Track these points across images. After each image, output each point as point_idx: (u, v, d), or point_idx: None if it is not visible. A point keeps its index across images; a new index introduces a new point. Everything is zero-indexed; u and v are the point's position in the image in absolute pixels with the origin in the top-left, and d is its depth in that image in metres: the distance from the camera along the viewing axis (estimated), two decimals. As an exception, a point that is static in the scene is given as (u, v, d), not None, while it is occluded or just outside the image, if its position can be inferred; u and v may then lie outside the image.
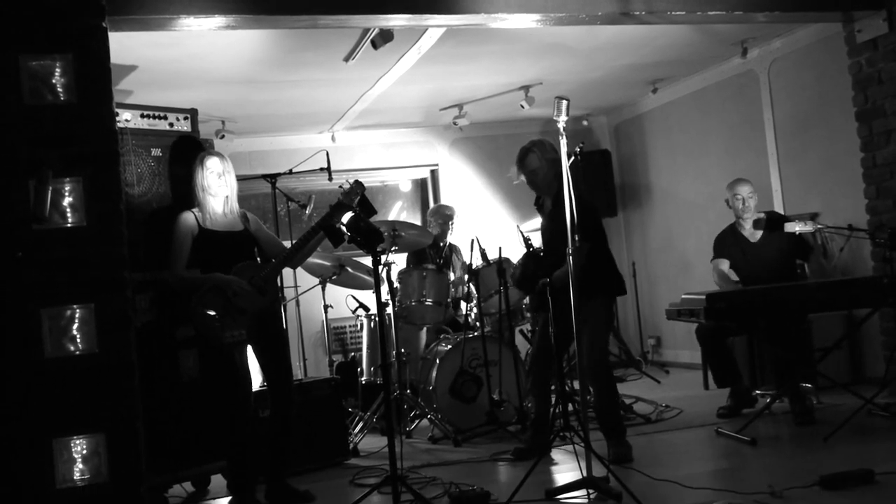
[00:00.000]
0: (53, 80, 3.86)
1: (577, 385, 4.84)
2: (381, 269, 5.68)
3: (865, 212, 5.82)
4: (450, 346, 5.96)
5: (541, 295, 4.74)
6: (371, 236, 3.92)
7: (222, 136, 7.87)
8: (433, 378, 5.88)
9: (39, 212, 3.67)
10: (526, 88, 7.68)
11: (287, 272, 6.02)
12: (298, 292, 6.69)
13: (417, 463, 5.00)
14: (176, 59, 5.82)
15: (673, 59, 7.26)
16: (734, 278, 5.82)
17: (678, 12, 5.20)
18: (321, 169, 6.28)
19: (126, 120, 4.66)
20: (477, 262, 6.19)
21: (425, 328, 6.66)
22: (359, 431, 5.81)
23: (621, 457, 4.64)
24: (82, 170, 3.85)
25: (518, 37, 6.10)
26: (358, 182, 4.24)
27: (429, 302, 6.19)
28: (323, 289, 6.40)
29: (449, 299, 6.27)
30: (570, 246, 4.11)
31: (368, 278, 6.32)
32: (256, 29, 5.24)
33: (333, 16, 4.77)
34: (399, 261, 6.89)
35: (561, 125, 4.06)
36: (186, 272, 4.35)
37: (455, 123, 8.38)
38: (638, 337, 9.06)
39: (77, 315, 3.79)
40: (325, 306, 6.48)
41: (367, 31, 5.50)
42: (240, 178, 4.60)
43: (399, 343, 6.08)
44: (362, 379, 6.63)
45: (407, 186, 9.62)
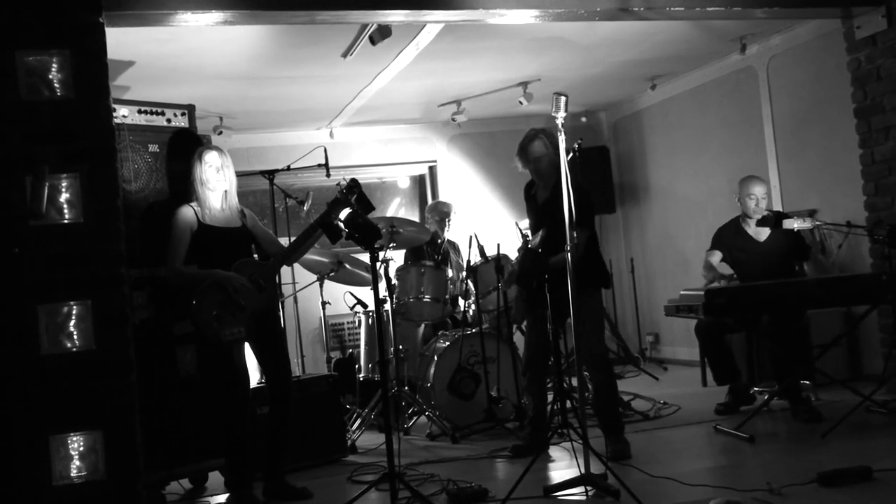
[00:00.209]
0: (50, 76, 3.86)
1: (574, 382, 4.83)
2: (379, 265, 5.73)
3: (864, 208, 5.81)
4: (448, 343, 5.95)
5: (538, 291, 4.73)
6: (369, 232, 3.91)
7: (220, 133, 7.85)
8: (431, 375, 5.88)
9: (36, 208, 3.67)
10: (524, 85, 7.66)
11: (285, 269, 6.01)
12: (296, 289, 6.68)
13: (415, 460, 5.00)
14: (173, 54, 5.80)
15: (671, 55, 7.25)
16: (724, 271, 5.76)
17: (677, 8, 5.20)
18: (319, 165, 6.29)
19: (123, 116, 4.64)
20: (475, 258, 6.18)
21: (423, 325, 6.65)
22: (357, 428, 5.81)
23: (619, 453, 4.64)
24: (79, 166, 3.84)
25: (516, 33, 6.08)
26: (353, 180, 4.22)
27: (427, 298, 6.18)
28: (321, 285, 6.39)
29: (447, 296, 6.26)
30: (570, 242, 4.10)
31: (366, 275, 6.30)
32: (254, 24, 5.23)
33: (331, 11, 4.76)
34: (397, 257, 6.89)
35: (559, 121, 4.05)
36: (185, 268, 4.33)
37: (453, 119, 8.37)
38: (636, 334, 9.05)
39: (74, 311, 3.79)
40: (323, 303, 6.47)
41: (364, 26, 5.49)
42: (237, 175, 4.58)
43: (397, 340, 6.07)
44: (360, 376, 6.62)
45: (405, 183, 9.61)
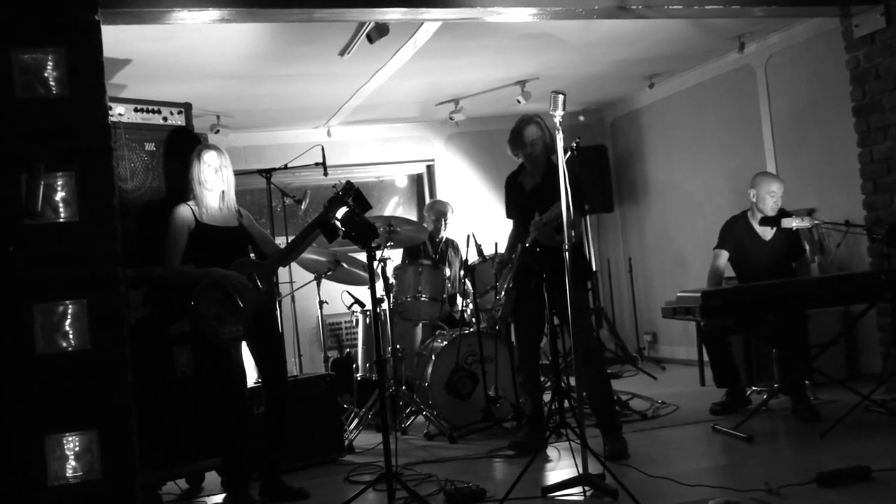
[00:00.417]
0: (46, 74, 3.84)
1: (573, 381, 4.81)
2: (376, 264, 5.71)
3: (862, 207, 5.80)
4: (445, 343, 5.93)
5: (536, 291, 4.71)
6: (365, 231, 3.89)
7: (217, 131, 7.83)
8: (429, 374, 5.86)
9: (31, 206, 3.65)
10: (522, 83, 7.65)
11: (282, 268, 5.99)
12: (294, 288, 6.66)
13: (413, 460, 4.98)
14: (170, 53, 5.78)
15: (670, 53, 7.23)
16: (725, 274, 5.74)
17: (675, 6, 5.18)
18: (316, 164, 6.27)
19: (119, 114, 4.63)
20: (473, 257, 6.16)
21: (421, 324, 6.63)
22: (354, 428, 5.79)
23: (617, 453, 4.62)
24: (75, 164, 3.83)
25: (514, 31, 6.06)
26: (349, 182, 4.20)
27: (424, 298, 6.16)
28: (318, 285, 6.37)
29: (445, 295, 6.24)
30: (567, 241, 4.09)
31: (364, 274, 6.28)
32: (251, 22, 5.20)
33: (328, 9, 4.74)
34: (395, 256, 6.87)
35: (557, 120, 4.04)
36: (182, 267, 4.31)
37: (451, 118, 8.35)
38: (634, 333, 9.03)
39: (70, 311, 3.77)
40: (321, 302, 6.45)
41: (362, 24, 5.46)
42: (234, 173, 4.56)
43: (394, 339, 6.06)
44: (358, 375, 6.60)
45: (403, 182, 9.59)
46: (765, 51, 7.18)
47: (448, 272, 6.33)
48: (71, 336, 3.76)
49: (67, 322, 3.76)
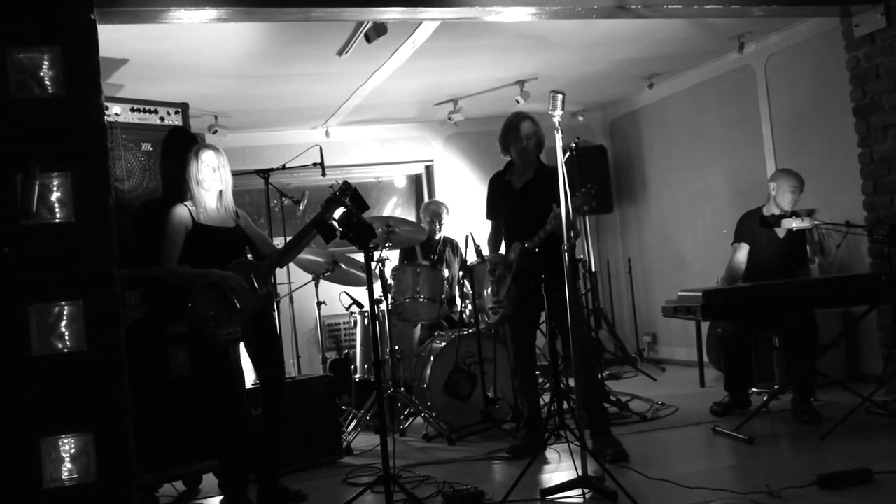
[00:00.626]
0: (41, 73, 3.82)
1: (571, 382, 4.79)
2: (374, 265, 5.68)
3: (863, 208, 5.77)
4: (444, 344, 5.90)
5: (535, 291, 4.68)
6: (363, 232, 3.86)
7: (215, 131, 7.80)
8: (427, 376, 5.83)
9: (26, 206, 3.62)
10: (521, 83, 7.62)
11: (281, 268, 5.97)
12: (292, 289, 6.63)
13: (411, 462, 4.95)
14: (168, 52, 5.75)
15: (669, 53, 7.21)
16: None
17: (675, 6, 5.16)
18: (314, 164, 6.24)
19: (116, 114, 4.59)
20: (471, 258, 6.13)
21: (420, 325, 6.60)
22: (352, 429, 5.76)
23: (619, 456, 4.57)
24: (71, 164, 3.81)
25: (513, 31, 6.04)
26: (345, 182, 4.17)
27: (423, 299, 6.13)
28: (316, 285, 6.34)
29: (443, 296, 6.21)
30: (566, 242, 4.07)
31: (362, 275, 6.26)
32: (248, 22, 5.17)
33: (326, 8, 4.72)
34: (393, 257, 6.84)
35: (556, 119, 4.02)
36: (179, 268, 4.28)
37: (450, 119, 8.32)
38: (633, 334, 9.00)
39: (65, 312, 3.75)
40: (319, 303, 6.43)
41: (360, 24, 5.43)
42: (232, 174, 4.54)
43: (393, 340, 6.04)
44: (356, 376, 6.57)
45: (402, 182, 9.57)
46: (764, 51, 7.15)
47: (447, 273, 6.30)
48: (67, 337, 3.74)
49: (63, 323, 3.74)
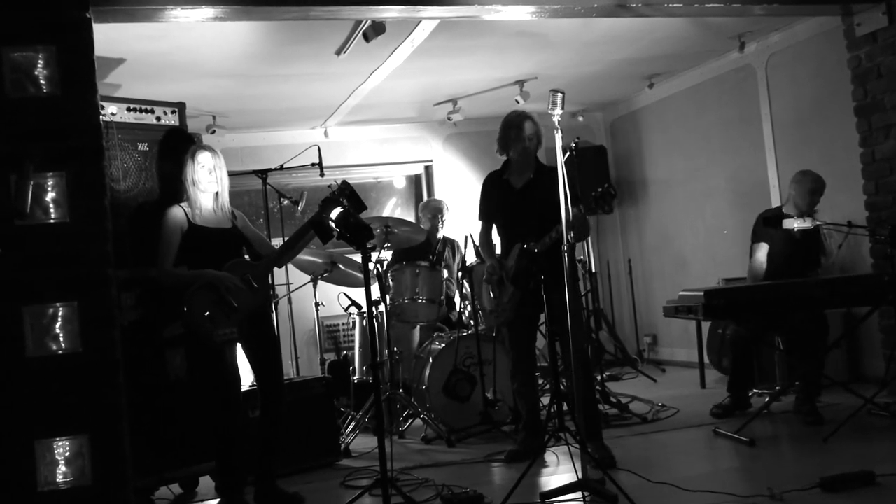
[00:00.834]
0: (36, 73, 3.80)
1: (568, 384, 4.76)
2: (372, 265, 5.65)
3: (864, 208, 5.75)
4: (443, 345, 5.86)
5: (535, 293, 4.64)
6: (360, 232, 3.81)
7: (213, 132, 7.77)
8: (426, 377, 5.79)
9: (20, 207, 3.59)
10: (521, 83, 7.58)
11: (279, 269, 5.93)
12: (290, 290, 6.60)
13: (410, 464, 4.91)
14: (165, 52, 5.71)
15: (669, 53, 7.17)
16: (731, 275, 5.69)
17: (675, 4, 5.12)
18: (313, 164, 6.20)
19: (112, 113, 4.55)
20: (470, 259, 6.09)
21: (419, 326, 6.56)
22: (351, 431, 5.72)
23: (607, 461, 4.48)
24: (66, 164, 3.79)
25: (512, 30, 6.00)
26: (344, 182, 4.14)
27: (422, 300, 6.09)
28: (314, 286, 6.30)
29: (442, 297, 6.17)
30: (566, 243, 4.04)
31: (360, 276, 6.21)
32: (246, 20, 5.13)
33: (324, 7, 4.69)
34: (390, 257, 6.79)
35: (556, 118, 3.99)
36: (175, 269, 4.25)
37: (449, 119, 8.29)
38: (634, 335, 8.97)
39: (60, 313, 3.73)
40: (317, 304, 6.39)
41: (358, 23, 5.40)
42: (230, 174, 4.50)
43: (392, 341, 5.99)
44: (355, 378, 6.53)
45: (401, 183, 9.53)
46: (765, 50, 7.12)
47: (446, 274, 6.25)
48: (61, 339, 3.72)
49: (58, 324, 3.72)
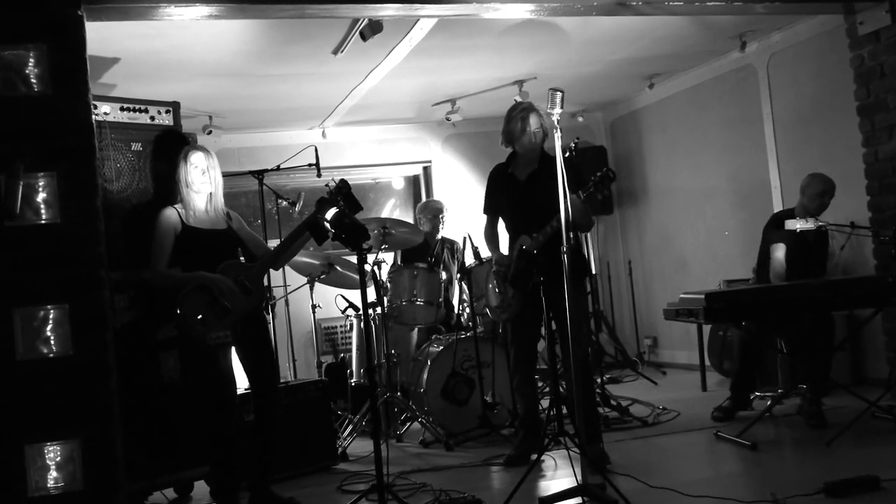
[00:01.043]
0: (27, 71, 3.77)
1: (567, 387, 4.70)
2: (370, 267, 5.59)
3: (867, 209, 5.69)
4: (441, 347, 5.80)
5: (534, 294, 4.59)
6: (356, 232, 3.75)
7: (209, 132, 7.70)
8: (424, 380, 5.72)
9: (10, 207, 3.56)
10: (520, 83, 7.52)
11: (276, 271, 5.87)
12: (287, 291, 6.53)
13: (407, 468, 4.85)
14: (160, 51, 5.64)
15: (670, 53, 7.11)
16: (732, 277, 5.64)
17: (676, 2, 5.07)
18: (309, 165, 6.14)
19: (105, 113, 4.50)
20: (469, 260, 6.02)
21: (417, 328, 6.50)
22: (348, 435, 5.66)
23: (597, 457, 4.41)
24: (57, 164, 3.76)
25: (511, 29, 5.93)
26: (343, 181, 4.08)
27: (420, 302, 6.03)
28: (311, 288, 6.24)
29: (441, 299, 6.11)
30: (566, 244, 3.98)
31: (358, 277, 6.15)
32: (241, 19, 5.05)
33: (321, 5, 4.62)
34: (389, 259, 6.74)
35: (555, 117, 3.94)
36: (168, 270, 4.19)
37: (448, 119, 8.23)
38: (634, 337, 8.92)
39: (51, 315, 3.71)
40: (313, 306, 6.32)
41: (356, 21, 5.33)
42: (226, 175, 4.46)
43: (389, 344, 5.93)
44: (352, 381, 6.47)
45: (399, 184, 9.47)
46: (766, 50, 7.06)
47: (444, 275, 6.19)
48: (52, 341, 3.69)
49: (49, 327, 3.69)
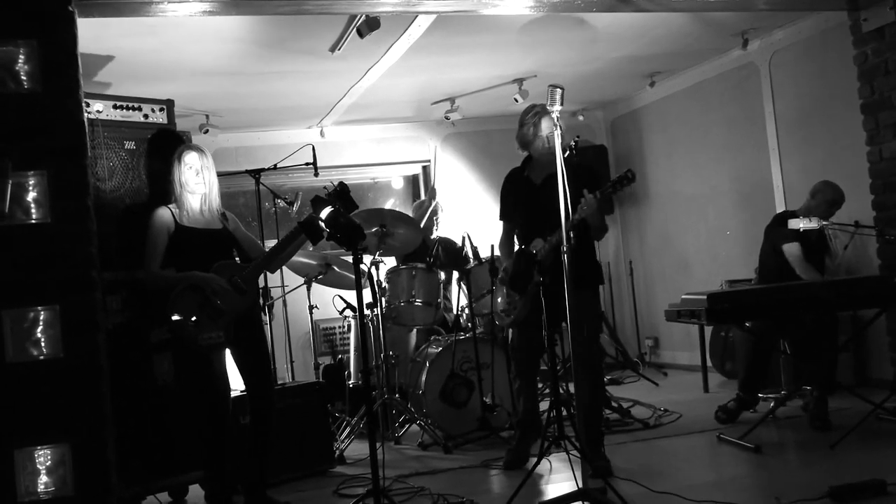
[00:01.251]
0: (16, 68, 3.70)
1: (571, 388, 4.63)
2: (368, 267, 5.51)
3: (871, 208, 5.61)
4: (440, 349, 5.73)
5: (535, 295, 4.51)
6: (351, 232, 3.68)
7: (206, 131, 7.63)
8: (423, 382, 5.65)
9: (-1, 206, 3.47)
10: (519, 81, 7.45)
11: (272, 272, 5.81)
12: (284, 292, 6.46)
13: (405, 471, 4.78)
14: (154, 48, 5.57)
15: (671, 50, 7.05)
16: (736, 277, 5.59)
17: (677, -1, 5.01)
18: (307, 164, 6.07)
19: (98, 111, 4.43)
20: (468, 260, 5.96)
21: (415, 329, 6.42)
22: (345, 437, 5.59)
23: (602, 470, 4.31)
24: (47, 163, 3.69)
25: (511, 26, 5.86)
26: (342, 183, 4.01)
27: (418, 302, 5.96)
28: (308, 288, 6.17)
29: (439, 299, 6.03)
30: (566, 243, 3.91)
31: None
32: (237, 15, 4.97)
33: (317, 1, 4.56)
34: (388, 260, 6.66)
35: (555, 115, 3.87)
36: (162, 271, 4.12)
37: (447, 118, 8.16)
38: (635, 338, 8.85)
39: (41, 317, 3.64)
40: (311, 307, 6.25)
41: (353, 18, 5.26)
42: (223, 174, 4.39)
43: (388, 345, 5.86)
44: (350, 382, 6.40)
45: (399, 183, 9.40)
46: (769, 47, 6.99)
47: (442, 276, 6.12)
48: (43, 343, 3.62)
49: (39, 329, 3.63)
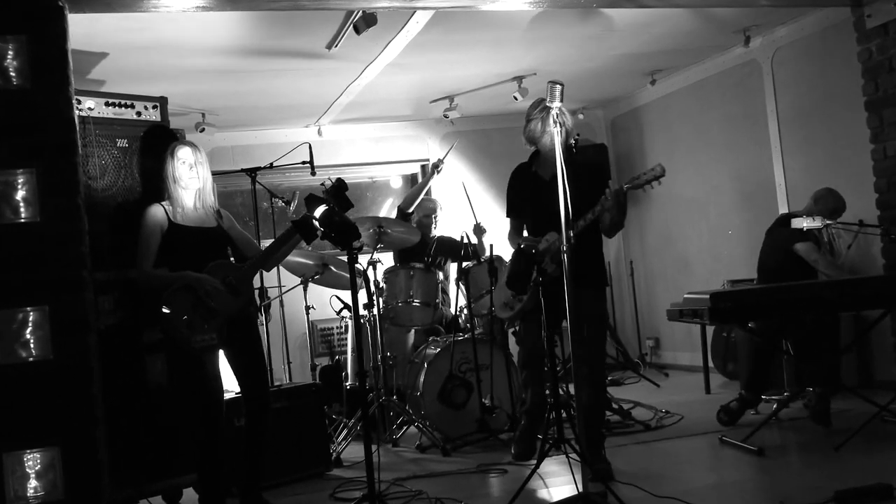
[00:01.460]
0: (5, 64, 3.65)
1: (572, 390, 4.55)
2: (366, 267, 5.45)
3: (875, 206, 5.56)
4: (438, 350, 5.66)
5: (536, 296, 4.44)
6: (345, 231, 3.61)
7: (202, 130, 7.56)
8: (421, 383, 5.58)
9: (-14, 205, 3.41)
10: (519, 79, 7.38)
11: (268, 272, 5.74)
12: (281, 292, 6.39)
13: (403, 474, 4.70)
14: (147, 45, 5.49)
15: (672, 48, 6.98)
16: (738, 277, 5.52)
17: (679, -6, 4.94)
18: (303, 163, 6.00)
19: (89, 108, 4.35)
20: (467, 260, 5.88)
21: (413, 330, 6.35)
22: (342, 440, 5.52)
23: (603, 473, 4.24)
24: (36, 161, 3.64)
25: (510, 22, 5.79)
26: (339, 180, 3.94)
27: (416, 303, 5.89)
28: (304, 289, 6.09)
29: (437, 300, 5.96)
30: (565, 243, 3.84)
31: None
32: (232, 11, 4.90)
33: (313, -4, 4.50)
34: (385, 259, 6.59)
35: (554, 111, 3.80)
36: (155, 270, 4.05)
37: (446, 116, 8.09)
38: (636, 338, 8.79)
39: (30, 318, 3.58)
40: (307, 307, 6.18)
41: (350, 14, 5.19)
42: (218, 173, 4.32)
43: (385, 346, 5.79)
44: (347, 384, 6.33)
45: (397, 183, 9.33)
46: (771, 45, 6.93)
47: (441, 275, 6.05)
48: (32, 345, 3.56)
49: (28, 330, 3.56)
